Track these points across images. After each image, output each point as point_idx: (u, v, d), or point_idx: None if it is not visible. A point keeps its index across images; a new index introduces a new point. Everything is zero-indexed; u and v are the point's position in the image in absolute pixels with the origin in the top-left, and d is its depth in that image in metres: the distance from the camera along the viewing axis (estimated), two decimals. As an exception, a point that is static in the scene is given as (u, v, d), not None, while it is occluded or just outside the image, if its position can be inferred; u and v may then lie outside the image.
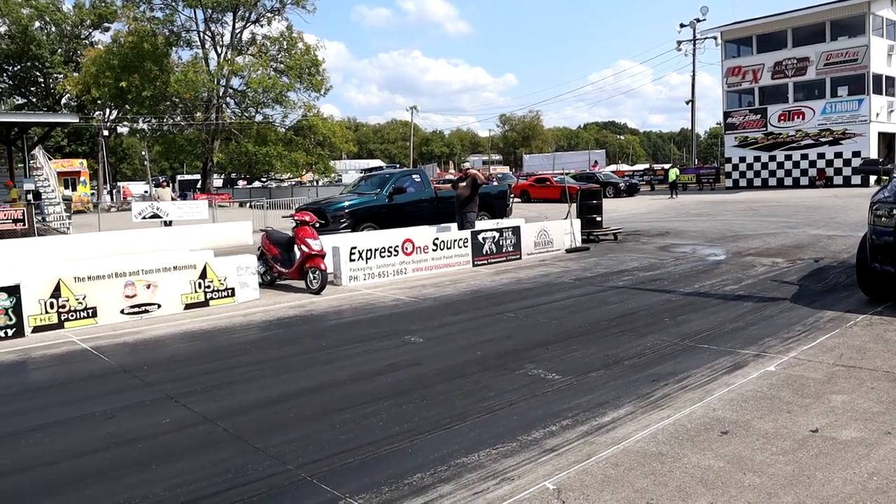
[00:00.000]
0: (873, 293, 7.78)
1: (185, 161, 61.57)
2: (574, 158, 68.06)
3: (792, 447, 3.87)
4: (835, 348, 5.87)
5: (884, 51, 40.90)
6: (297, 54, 48.67)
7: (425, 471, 3.78)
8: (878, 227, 7.37)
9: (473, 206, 14.03)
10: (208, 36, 49.24)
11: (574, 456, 3.88)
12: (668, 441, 4.03)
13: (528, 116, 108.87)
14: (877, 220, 7.42)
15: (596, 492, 3.43)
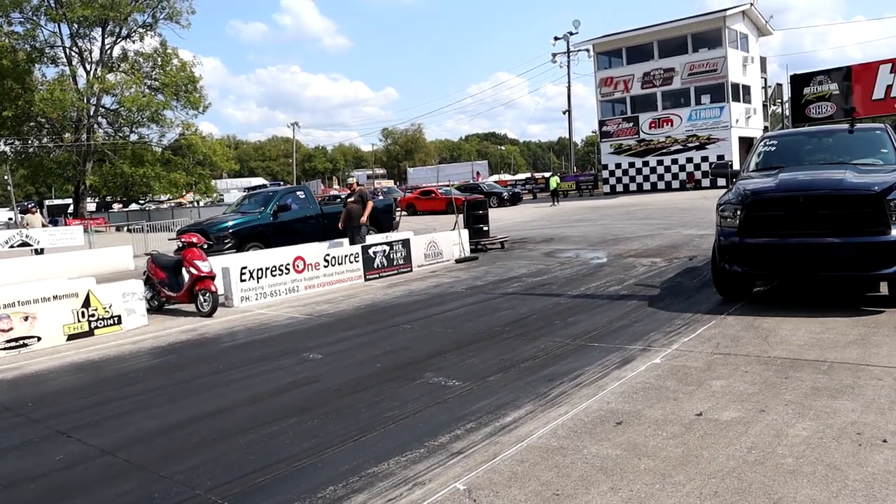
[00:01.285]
0: (727, 293, 8.03)
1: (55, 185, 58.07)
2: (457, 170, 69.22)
3: (680, 431, 4.16)
4: (712, 338, 6.32)
5: (739, 62, 44.07)
6: (172, 71, 46.96)
7: (337, 483, 3.81)
8: (725, 229, 7.59)
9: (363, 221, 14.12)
10: (75, 52, 46.73)
11: (481, 456, 4.02)
12: (568, 435, 4.24)
13: (411, 130, 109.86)
14: (723, 221, 7.64)
15: (505, 488, 3.58)
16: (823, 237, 6.90)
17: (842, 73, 21.69)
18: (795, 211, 7.05)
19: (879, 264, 6.71)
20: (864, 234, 6.77)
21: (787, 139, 9.65)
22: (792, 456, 3.70)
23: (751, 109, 45.24)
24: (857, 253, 6.83)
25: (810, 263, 7.09)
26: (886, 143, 8.30)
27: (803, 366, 5.29)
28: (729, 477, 3.51)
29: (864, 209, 6.81)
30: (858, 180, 7.13)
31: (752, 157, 9.27)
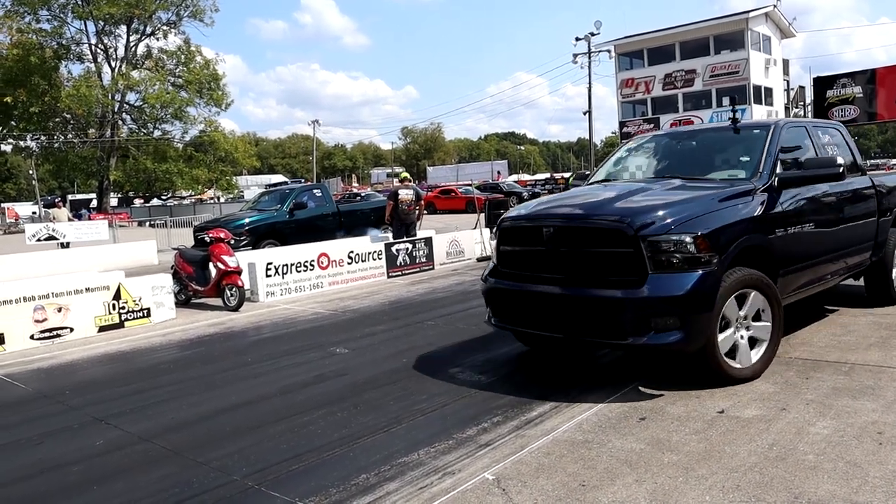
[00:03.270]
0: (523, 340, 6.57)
1: (78, 180, 58.88)
2: (477, 169, 69.28)
3: (702, 427, 4.27)
4: (733, 339, 6.40)
5: (762, 64, 43.85)
6: (195, 68, 47.46)
7: (370, 471, 3.95)
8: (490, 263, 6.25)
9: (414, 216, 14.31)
10: (101, 49, 47.38)
11: (508, 448, 4.15)
12: (593, 429, 4.36)
13: (430, 128, 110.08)
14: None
15: (532, 478, 3.70)
16: (565, 285, 5.16)
17: (866, 75, 21.59)
18: (539, 246, 5.38)
19: (627, 329, 4.81)
20: (610, 284, 4.92)
21: (651, 141, 7.38)
22: (813, 453, 3.79)
23: (773, 112, 44.99)
24: (600, 312, 4.95)
25: (549, 322, 5.31)
26: (756, 150, 5.96)
27: (824, 367, 5.36)
28: (751, 472, 3.61)
29: (612, 248, 4.95)
30: (624, 205, 5.22)
31: (604, 163, 7.50)
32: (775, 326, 5.26)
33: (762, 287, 5.19)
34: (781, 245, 5.54)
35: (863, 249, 6.85)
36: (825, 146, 6.70)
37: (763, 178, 5.64)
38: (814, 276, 6.12)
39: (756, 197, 5.47)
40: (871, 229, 6.93)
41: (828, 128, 7.15)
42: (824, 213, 6.19)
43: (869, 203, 6.92)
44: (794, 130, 6.49)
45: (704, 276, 4.78)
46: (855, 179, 6.80)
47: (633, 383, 5.23)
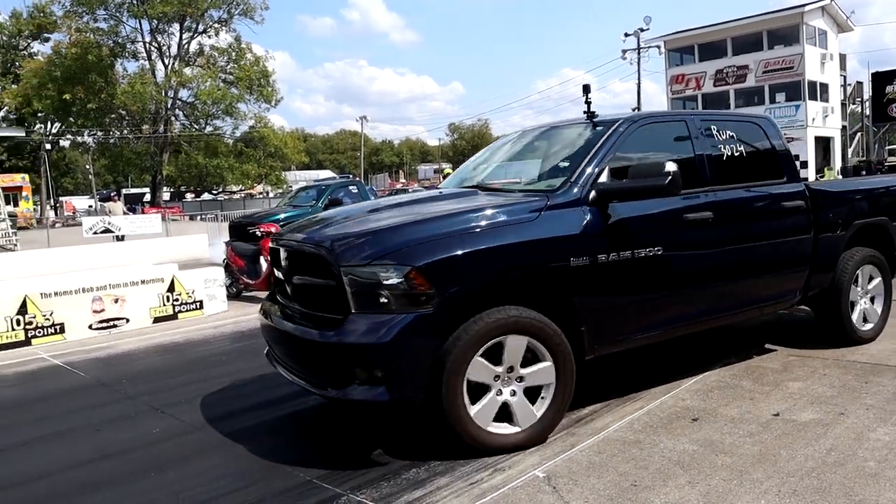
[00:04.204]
0: None
1: (132, 174, 60.43)
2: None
3: (757, 430, 4.19)
4: (788, 341, 6.26)
5: (817, 59, 42.68)
6: (245, 65, 48.30)
7: (420, 466, 3.98)
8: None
9: None
10: (155, 47, 48.55)
11: (559, 447, 4.13)
12: (644, 429, 4.31)
13: (477, 125, 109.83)
14: None
15: (583, 477, 3.69)
16: (295, 322, 4.36)
17: (929, 71, 20.83)
18: (279, 271, 4.79)
19: (327, 377, 4.02)
20: (318, 323, 4.13)
21: (511, 139, 6.35)
22: (874, 460, 3.69)
23: (828, 108, 43.78)
24: (305, 355, 4.24)
25: (284, 359, 4.62)
26: (581, 154, 4.76)
27: (884, 371, 5.22)
28: (808, 477, 3.53)
29: (324, 279, 4.11)
30: (343, 226, 4.48)
31: (466, 164, 6.66)
32: (562, 378, 4.16)
33: (534, 332, 4.04)
34: (593, 277, 4.29)
35: (788, 275, 5.52)
36: (722, 146, 5.30)
37: (572, 190, 4.42)
38: (675, 313, 4.87)
39: (548, 215, 4.27)
40: (803, 250, 5.53)
41: (738, 122, 5.69)
42: (694, 233, 4.85)
43: (796, 217, 5.51)
44: (658, 128, 5.26)
45: (417, 321, 3.78)
46: (766, 188, 5.45)
47: (686, 383, 5.16)
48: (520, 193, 4.80)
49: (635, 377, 5.45)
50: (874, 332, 6.11)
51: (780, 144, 5.74)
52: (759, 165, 5.59)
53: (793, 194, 5.57)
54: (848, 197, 6.22)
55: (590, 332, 4.36)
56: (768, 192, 5.47)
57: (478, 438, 3.98)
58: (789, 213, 5.50)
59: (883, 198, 6.40)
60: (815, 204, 5.61)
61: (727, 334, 6.54)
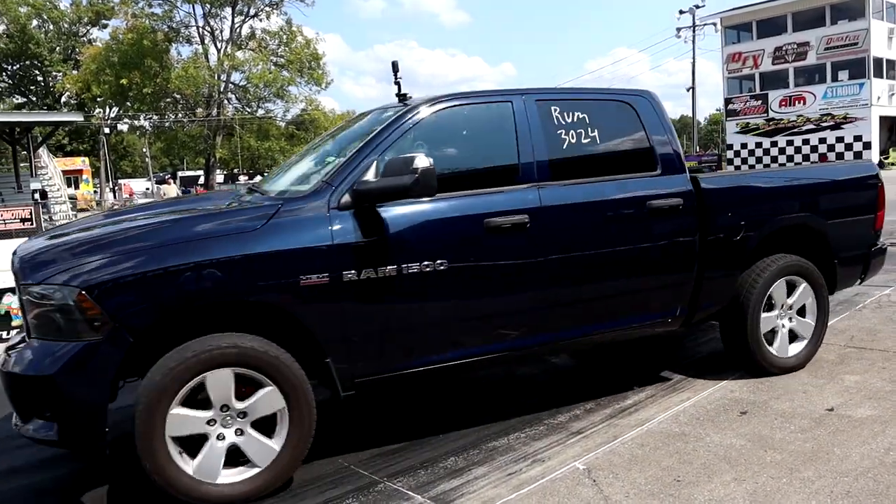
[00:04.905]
0: None
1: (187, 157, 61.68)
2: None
3: (809, 425, 4.02)
4: (846, 330, 6.01)
5: (884, 34, 40.99)
6: (296, 48, 48.63)
7: (458, 455, 3.94)
8: None
9: None
10: (207, 31, 49.20)
11: (600, 438, 4.04)
12: (690, 422, 4.19)
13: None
14: None
15: (624, 470, 3.59)
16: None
17: None
18: None
19: (17, 409, 3.50)
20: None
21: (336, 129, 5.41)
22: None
23: (895, 86, 42.06)
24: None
25: None
26: (353, 148, 4.01)
27: (949, 364, 4.97)
28: (863, 477, 3.37)
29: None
30: (53, 239, 3.75)
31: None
32: (296, 401, 3.52)
33: (246, 363, 3.38)
34: (338, 298, 3.58)
35: (655, 291, 4.53)
36: (565, 132, 4.31)
37: (319, 193, 3.72)
38: (476, 340, 4.03)
39: (275, 225, 3.53)
40: (679, 259, 4.51)
41: (596, 102, 4.62)
42: (500, 242, 3.95)
43: (669, 218, 4.43)
44: (468, 112, 4.29)
45: (87, 352, 3.21)
46: (624, 183, 4.40)
47: (734, 375, 4.99)
48: (265, 198, 4.09)
49: (680, 366, 5.30)
50: (800, 359, 4.99)
51: (655, 129, 4.59)
52: (621, 155, 4.60)
53: (665, 191, 4.45)
54: (754, 193, 4.97)
55: (342, 363, 3.67)
56: (625, 188, 4.38)
57: (209, 497, 3.38)
58: (658, 214, 4.39)
59: (810, 193, 5.19)
60: (703, 202, 4.54)
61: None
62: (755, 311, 4.76)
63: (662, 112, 4.71)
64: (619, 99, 4.67)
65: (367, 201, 3.68)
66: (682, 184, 4.54)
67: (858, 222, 5.32)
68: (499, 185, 4.09)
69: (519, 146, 4.16)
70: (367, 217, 3.67)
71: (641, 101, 4.68)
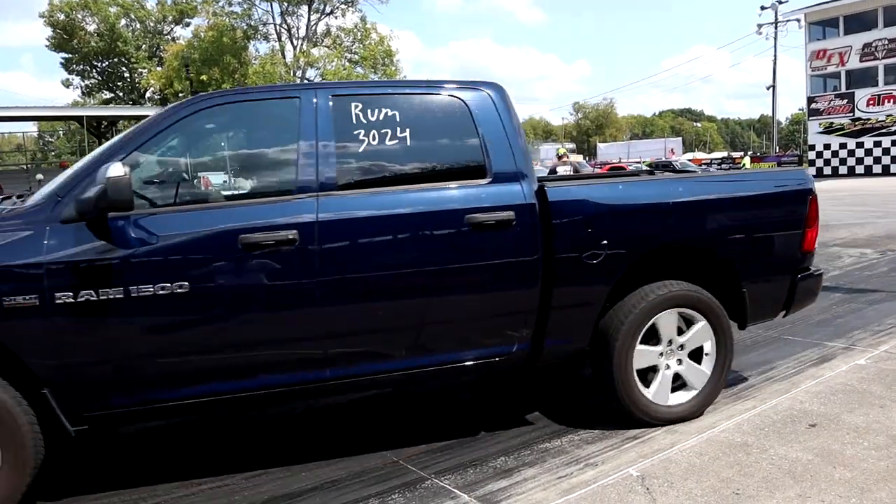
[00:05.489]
0: None
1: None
2: (649, 146, 66.91)
3: (885, 442, 3.77)
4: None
5: (984, 30, 38.67)
6: (370, 45, 49.22)
7: (509, 455, 3.86)
8: None
9: None
10: (284, 29, 50.29)
11: (657, 444, 3.89)
12: (753, 432, 3.99)
13: (602, 104, 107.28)
14: None
15: (680, 480, 3.45)
16: None
17: None
18: None
19: None
20: None
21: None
22: None
23: None
24: None
25: None
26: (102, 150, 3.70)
27: None
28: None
29: None
30: None
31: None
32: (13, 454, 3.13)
33: None
34: (52, 323, 3.15)
35: (479, 323, 3.81)
36: (366, 133, 3.69)
37: (43, 204, 3.34)
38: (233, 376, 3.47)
39: None
40: (511, 284, 3.79)
41: (417, 97, 3.95)
42: (259, 262, 3.39)
43: (495, 236, 3.71)
44: (244, 109, 3.82)
45: None
46: (435, 193, 3.72)
47: (805, 384, 4.75)
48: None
49: (745, 373, 5.08)
50: (686, 410, 4.19)
51: (492, 130, 3.87)
52: (441, 160, 3.90)
53: (492, 203, 3.73)
54: (623, 207, 4.02)
55: (62, 395, 3.23)
56: (436, 199, 3.70)
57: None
58: (481, 230, 3.68)
59: (704, 208, 4.22)
60: (549, 217, 3.81)
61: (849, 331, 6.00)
62: (624, 349, 3.98)
63: (506, 110, 3.96)
64: (448, 93, 3.95)
65: (89, 214, 3.22)
66: (517, 195, 3.78)
67: (777, 243, 4.41)
68: (273, 195, 3.61)
69: (299, 149, 3.59)
70: (95, 232, 3.23)
71: (479, 97, 3.94)
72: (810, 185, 4.55)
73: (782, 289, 4.46)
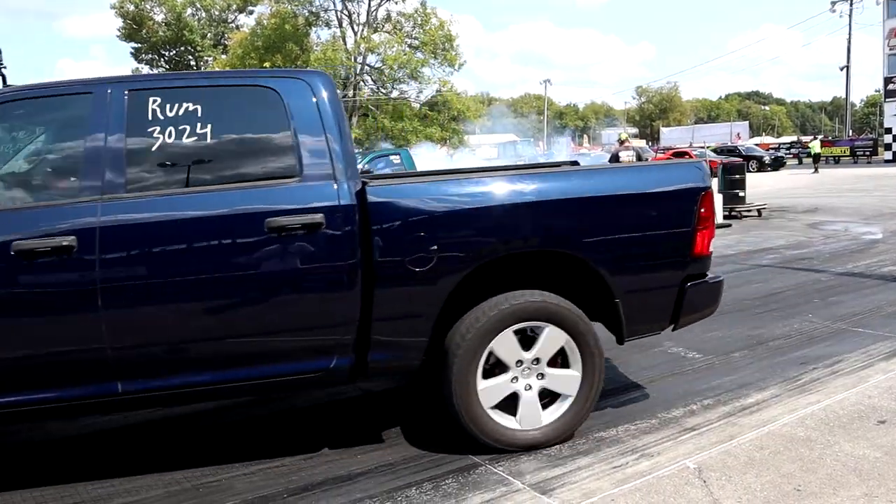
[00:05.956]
0: None
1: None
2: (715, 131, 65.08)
3: (959, 440, 3.62)
4: None
5: None
6: (431, 30, 49.17)
7: (563, 444, 3.83)
8: None
9: None
10: (345, 15, 50.61)
11: (715, 436, 3.81)
12: (818, 427, 3.87)
13: (666, 87, 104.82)
14: None
15: (739, 473, 3.37)
16: None
17: None
18: None
19: None
20: None
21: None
22: None
23: None
24: None
25: None
26: None
27: None
28: None
29: None
30: None
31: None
32: None
33: None
34: None
35: (291, 337, 3.49)
36: (163, 129, 3.39)
37: None
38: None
39: None
40: (322, 297, 3.48)
41: (222, 89, 3.70)
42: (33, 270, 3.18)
43: (302, 246, 3.39)
44: (32, 107, 3.57)
45: None
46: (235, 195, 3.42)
47: (875, 378, 4.58)
48: None
49: (811, 366, 4.92)
50: (562, 427, 3.78)
51: (308, 124, 3.53)
52: (246, 158, 3.56)
53: (299, 205, 3.40)
54: (459, 209, 3.56)
55: None
56: (234, 199, 3.40)
57: None
58: (285, 234, 3.36)
59: (558, 209, 3.71)
60: (367, 220, 3.45)
61: (934, 324, 5.73)
62: (462, 367, 3.55)
63: (328, 101, 3.58)
64: (262, 84, 3.63)
65: None
66: (329, 195, 3.43)
67: (657, 248, 3.88)
68: (58, 198, 3.39)
69: (85, 148, 3.33)
70: None
71: (296, 87, 3.58)
72: (701, 181, 3.95)
73: (667, 299, 3.93)
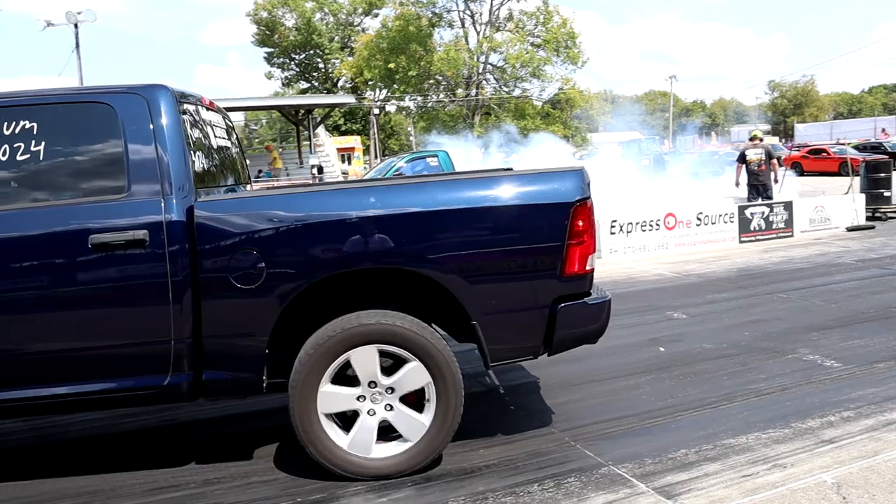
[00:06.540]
0: None
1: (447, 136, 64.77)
2: (856, 126, 60.87)
3: None
4: None
5: None
6: (553, 27, 48.78)
7: (689, 447, 3.75)
8: None
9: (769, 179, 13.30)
10: (468, 15, 51.05)
11: (857, 451, 3.60)
12: (976, 445, 3.58)
13: (801, 81, 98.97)
14: None
15: (884, 493, 3.16)
16: None
17: None
18: None
19: None
20: None
21: None
22: None
23: None
24: None
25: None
26: None
27: None
28: None
29: None
30: None
31: None
32: None
33: None
34: None
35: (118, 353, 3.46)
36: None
37: None
38: None
39: None
40: (146, 313, 3.42)
41: (50, 105, 3.57)
42: None
43: (124, 262, 3.39)
44: None
45: None
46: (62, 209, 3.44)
47: None
48: None
49: (973, 380, 4.55)
50: (396, 464, 3.54)
51: (140, 138, 3.47)
52: (78, 175, 3.53)
53: (121, 222, 3.39)
54: (286, 225, 3.46)
55: None
56: (59, 217, 3.41)
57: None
58: (108, 250, 3.36)
59: (403, 224, 3.50)
60: (193, 236, 3.41)
61: None
62: (304, 389, 3.43)
63: (164, 115, 3.52)
64: (95, 100, 3.56)
65: None
66: (154, 212, 3.39)
67: (520, 265, 3.59)
68: None
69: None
70: None
71: (131, 103, 3.51)
72: (577, 191, 3.60)
73: (534, 321, 3.64)
